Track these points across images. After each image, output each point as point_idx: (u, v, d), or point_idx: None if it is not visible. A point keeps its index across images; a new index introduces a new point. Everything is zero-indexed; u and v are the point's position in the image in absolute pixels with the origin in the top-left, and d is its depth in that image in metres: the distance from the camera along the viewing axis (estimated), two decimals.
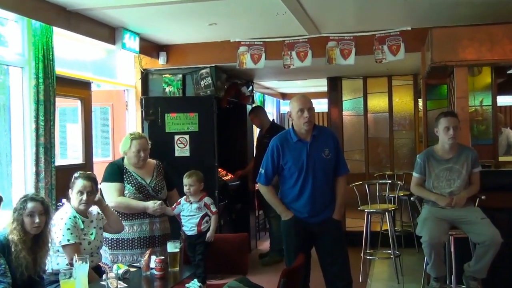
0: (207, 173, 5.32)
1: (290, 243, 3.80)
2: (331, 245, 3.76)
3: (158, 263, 3.27)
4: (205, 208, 3.84)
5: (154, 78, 6.07)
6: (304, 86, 9.69)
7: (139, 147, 3.94)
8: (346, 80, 7.41)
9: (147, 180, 3.98)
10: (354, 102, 7.42)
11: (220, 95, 6.02)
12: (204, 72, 5.90)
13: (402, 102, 7.33)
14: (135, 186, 3.91)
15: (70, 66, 4.89)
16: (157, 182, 4.01)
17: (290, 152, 3.73)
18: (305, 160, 3.69)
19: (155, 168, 4.09)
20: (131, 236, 3.89)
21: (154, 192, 3.97)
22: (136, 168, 3.98)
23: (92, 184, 3.47)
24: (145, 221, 3.91)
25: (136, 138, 3.96)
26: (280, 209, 3.79)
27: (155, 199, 3.95)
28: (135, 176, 3.96)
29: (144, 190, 3.93)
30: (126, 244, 3.89)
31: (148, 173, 4.02)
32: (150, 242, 3.92)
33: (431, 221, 4.09)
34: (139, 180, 3.95)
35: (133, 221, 3.90)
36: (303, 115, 3.68)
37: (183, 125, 5.67)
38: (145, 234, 3.91)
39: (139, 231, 3.90)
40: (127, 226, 3.88)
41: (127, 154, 3.96)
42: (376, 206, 5.74)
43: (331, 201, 3.79)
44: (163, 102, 5.75)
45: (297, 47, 5.63)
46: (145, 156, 3.97)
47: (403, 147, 7.31)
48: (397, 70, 6.87)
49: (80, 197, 3.42)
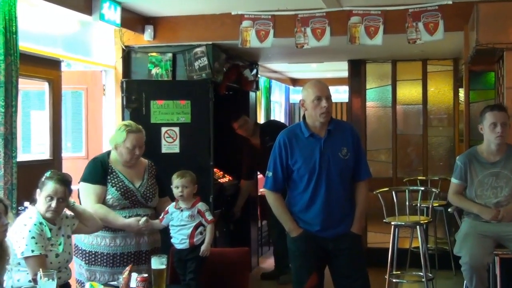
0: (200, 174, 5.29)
1: (298, 263, 3.81)
2: (348, 265, 3.76)
3: (141, 281, 3.27)
4: (198, 216, 3.85)
5: (138, 58, 6.07)
6: (320, 71, 9.68)
7: (136, 142, 3.93)
8: (371, 64, 7.40)
9: (136, 183, 3.97)
10: (380, 91, 7.42)
11: (218, 79, 6.02)
12: (198, 51, 5.90)
13: (439, 92, 7.33)
14: (121, 191, 3.90)
15: (36, 41, 4.89)
16: (148, 187, 4.01)
17: (300, 150, 3.74)
18: (317, 160, 3.70)
19: (147, 170, 4.08)
20: (113, 251, 3.88)
21: (144, 199, 3.97)
22: (124, 167, 3.97)
23: (66, 190, 3.47)
24: (131, 233, 3.90)
25: (133, 132, 3.95)
26: (288, 226, 3.79)
27: (144, 207, 3.95)
28: (122, 177, 3.95)
29: (132, 195, 3.93)
30: (106, 260, 3.88)
31: (137, 175, 4.02)
32: (135, 259, 3.91)
33: (473, 238, 4.09)
34: (126, 183, 3.94)
35: (116, 233, 3.90)
36: (321, 104, 3.68)
37: (172, 115, 5.67)
38: (130, 249, 3.91)
39: (123, 245, 3.90)
40: (108, 239, 3.88)
41: (118, 148, 3.95)
42: (405, 218, 5.74)
43: (349, 212, 3.80)
44: (148, 86, 5.76)
45: (313, 22, 5.62)
46: (140, 154, 3.97)
47: (440, 147, 7.31)
48: (434, 53, 6.85)
49: (49, 203, 3.42)
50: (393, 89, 7.36)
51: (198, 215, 3.84)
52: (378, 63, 7.39)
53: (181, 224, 3.84)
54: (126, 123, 4.09)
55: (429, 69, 7.31)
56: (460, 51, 6.21)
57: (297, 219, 3.79)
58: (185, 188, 3.83)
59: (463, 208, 4.36)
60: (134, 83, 5.76)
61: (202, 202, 3.91)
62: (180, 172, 3.90)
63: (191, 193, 3.86)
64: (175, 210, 3.87)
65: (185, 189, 3.83)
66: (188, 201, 3.86)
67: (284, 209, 3.81)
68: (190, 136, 5.68)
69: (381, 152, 7.39)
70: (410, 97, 7.39)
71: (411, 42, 5.51)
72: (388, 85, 7.38)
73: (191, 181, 3.86)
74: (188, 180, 3.85)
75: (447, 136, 7.29)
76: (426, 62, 7.29)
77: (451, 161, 6.91)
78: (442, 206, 6.38)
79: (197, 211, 3.85)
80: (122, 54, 6.00)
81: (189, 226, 3.82)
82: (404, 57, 7.20)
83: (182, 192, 3.83)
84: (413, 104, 7.38)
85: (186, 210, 3.85)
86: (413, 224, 5.64)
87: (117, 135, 3.96)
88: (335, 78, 10.01)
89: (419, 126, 7.33)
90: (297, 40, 5.66)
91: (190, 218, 3.83)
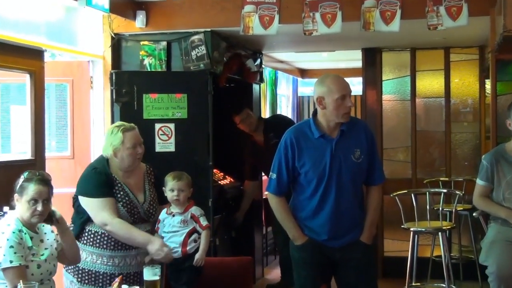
0: (198, 176, 5.35)
1: (302, 273, 3.82)
2: (356, 277, 3.79)
3: None
4: (192, 221, 3.85)
5: (129, 46, 6.07)
6: (331, 60, 9.67)
7: (135, 140, 3.90)
8: (387, 53, 7.39)
9: (138, 196, 3.93)
10: (398, 83, 7.41)
11: (217, 70, 6.02)
12: (196, 39, 5.89)
13: (464, 83, 7.31)
14: (127, 207, 3.85)
15: (16, 29, 4.89)
16: (152, 201, 3.96)
17: (308, 152, 3.74)
18: (328, 163, 3.70)
19: (146, 177, 4.04)
20: (111, 271, 3.85)
21: (146, 216, 3.93)
22: (124, 176, 3.92)
23: (49, 190, 3.44)
24: (131, 253, 3.88)
25: (129, 130, 3.92)
26: (292, 233, 3.80)
27: (145, 222, 3.91)
28: (127, 190, 3.90)
29: (136, 212, 3.88)
30: (102, 280, 3.85)
31: (138, 185, 3.97)
32: (135, 280, 3.87)
33: (500, 246, 4.08)
34: (131, 197, 3.89)
35: (115, 252, 3.87)
36: (345, 103, 3.68)
37: (167, 109, 5.67)
38: (129, 270, 3.88)
39: (122, 265, 3.88)
40: (105, 258, 3.86)
41: (118, 153, 3.88)
42: (426, 223, 5.73)
43: (360, 220, 3.82)
44: (140, 78, 5.76)
45: (323, 7, 5.60)
46: (142, 153, 3.94)
47: (464, 145, 7.29)
48: (458, 41, 6.84)
49: (34, 207, 3.39)
50: (412, 80, 7.34)
51: (192, 220, 3.85)
52: (395, 51, 7.37)
53: (173, 231, 3.83)
54: (117, 124, 4.06)
55: (452, 58, 7.29)
56: (486, 38, 6.20)
57: (303, 226, 3.80)
58: (181, 192, 3.83)
59: (489, 213, 4.35)
60: (125, 75, 5.75)
61: (196, 206, 3.91)
62: (176, 173, 3.90)
63: (186, 197, 3.86)
64: (166, 216, 3.88)
65: (181, 192, 3.83)
66: (182, 206, 3.85)
67: (288, 215, 3.82)
68: (186, 133, 5.67)
69: (399, 150, 7.37)
70: (431, 89, 7.37)
71: (432, 28, 5.49)
72: (406, 76, 7.37)
73: (187, 184, 3.86)
74: (184, 183, 3.85)
75: (473, 133, 7.27)
76: (449, 51, 7.27)
77: (476, 160, 6.88)
78: (467, 210, 6.36)
79: (190, 216, 3.84)
80: (111, 42, 5.99)
81: (182, 232, 3.82)
82: (424, 45, 7.18)
83: (178, 196, 3.83)
84: (435, 97, 7.36)
85: (178, 215, 3.85)
86: (435, 231, 5.64)
87: (112, 138, 3.90)
88: (348, 69, 9.99)
89: (441, 121, 7.32)
90: (305, 27, 5.65)
91: (183, 223, 3.83)
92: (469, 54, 7.27)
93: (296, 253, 3.82)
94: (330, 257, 3.78)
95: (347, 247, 3.76)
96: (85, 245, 3.87)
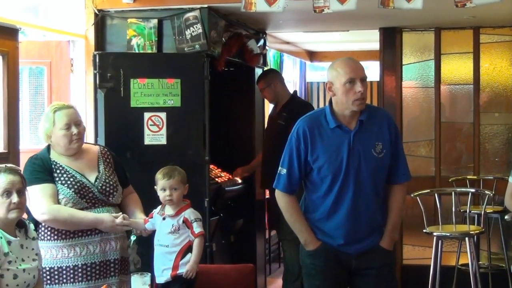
0: (193, 172, 5.34)
1: (314, 283, 3.84)
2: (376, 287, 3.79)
3: None
4: (184, 227, 3.82)
5: (115, 25, 6.08)
6: (344, 41, 9.67)
7: (68, 119, 3.96)
8: (408, 33, 7.40)
9: (90, 177, 4.01)
10: (420, 67, 7.42)
11: (215, 52, 6.02)
12: (191, 17, 5.90)
13: (495, 68, 7.32)
14: (74, 188, 3.93)
15: None
16: (107, 179, 4.05)
17: (323, 144, 3.75)
18: (345, 158, 3.71)
19: (100, 158, 4.14)
20: (73, 263, 3.91)
21: (104, 195, 4.01)
22: (70, 160, 4.01)
23: (22, 179, 3.50)
24: (94, 238, 3.95)
25: (60, 109, 4.01)
26: (304, 237, 3.82)
27: (107, 206, 3.99)
28: (72, 172, 3.99)
29: (88, 193, 3.96)
30: (66, 275, 3.91)
31: (90, 167, 4.06)
32: (102, 271, 3.94)
33: None
34: (78, 178, 3.98)
35: (74, 240, 3.93)
36: (354, 88, 3.68)
37: (157, 97, 5.68)
38: (94, 259, 3.94)
39: (85, 254, 3.93)
40: (66, 249, 3.91)
41: (52, 136, 4.00)
42: (451, 227, 5.75)
43: (381, 223, 3.83)
44: (127, 61, 5.76)
45: None
46: (80, 134, 4.00)
47: (495, 138, 7.30)
48: (489, 20, 6.84)
49: (8, 200, 3.41)
50: (437, 64, 7.35)
51: (184, 225, 3.82)
52: (417, 32, 7.39)
53: (163, 244, 3.81)
54: (52, 104, 4.16)
55: (482, 40, 7.29)
56: None
57: (315, 229, 3.82)
58: (174, 191, 3.83)
59: None
60: (110, 57, 5.75)
61: (192, 209, 3.90)
62: (167, 169, 3.90)
63: (181, 195, 3.87)
64: (158, 216, 3.88)
65: (174, 191, 3.83)
66: (176, 206, 3.86)
67: (299, 216, 3.83)
68: (180, 124, 5.68)
69: (421, 144, 7.39)
70: (458, 75, 7.38)
71: (460, 6, 5.48)
72: (430, 60, 7.38)
73: (181, 180, 3.86)
74: (177, 180, 3.85)
75: (505, 125, 7.28)
76: (479, 31, 7.27)
77: (509, 156, 6.90)
78: (498, 213, 6.37)
79: (183, 220, 3.82)
80: (94, 20, 5.99)
81: (173, 251, 3.79)
82: (451, 25, 7.19)
83: (171, 195, 3.83)
84: (462, 84, 7.38)
85: (169, 218, 3.83)
86: (461, 236, 5.65)
87: (44, 121, 4.01)
88: (363, 51, 10.00)
89: (469, 111, 7.33)
90: (315, 3, 5.64)
91: (173, 231, 3.80)
92: (501, 35, 7.27)
93: (308, 259, 3.84)
94: (346, 265, 3.79)
95: (365, 254, 3.77)
96: (42, 241, 3.91)
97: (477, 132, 7.29)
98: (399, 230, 4.09)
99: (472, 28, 7.25)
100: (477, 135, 7.29)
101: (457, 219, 5.82)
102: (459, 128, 7.39)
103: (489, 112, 7.32)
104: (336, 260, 3.78)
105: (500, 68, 7.31)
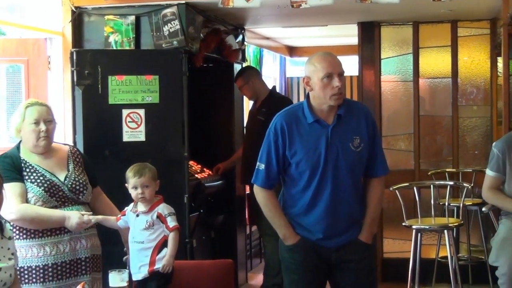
0: (172, 168, 5.36)
1: (293, 277, 3.85)
2: (355, 281, 3.82)
3: None
4: (159, 221, 3.82)
5: (92, 21, 6.05)
6: (323, 36, 9.66)
7: (38, 115, 3.98)
8: (387, 28, 7.41)
9: (59, 175, 4.03)
10: (399, 61, 7.43)
11: (193, 48, 6.02)
12: (168, 13, 5.88)
13: (473, 61, 7.34)
14: (44, 186, 3.94)
15: None
16: (77, 177, 4.07)
17: (301, 139, 3.76)
18: (323, 153, 3.72)
19: (70, 157, 4.16)
20: (43, 262, 3.91)
21: (74, 194, 4.02)
22: (40, 159, 4.03)
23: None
24: (64, 238, 3.96)
25: (33, 105, 4.04)
26: (283, 232, 3.82)
27: (77, 204, 4.00)
28: (41, 170, 4.00)
29: (58, 191, 3.98)
30: (35, 275, 3.90)
31: (60, 165, 4.08)
32: (73, 270, 3.96)
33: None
34: (47, 177, 3.99)
35: (44, 239, 3.94)
36: (332, 83, 3.68)
37: (135, 93, 5.66)
38: (64, 258, 3.95)
39: (55, 254, 3.94)
40: (35, 248, 3.91)
41: (21, 132, 4.02)
42: (431, 220, 5.77)
43: (360, 217, 3.84)
44: (105, 58, 5.74)
45: None
46: (49, 131, 4.02)
47: (473, 131, 7.33)
48: (466, 13, 6.85)
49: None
50: (415, 58, 7.36)
51: (158, 220, 3.82)
52: (396, 26, 7.39)
53: (138, 241, 3.81)
54: (27, 100, 4.22)
55: (460, 33, 7.31)
56: (499, 10, 6.21)
57: (294, 224, 3.82)
58: (145, 188, 3.82)
59: (500, 207, 4.39)
60: (87, 54, 5.73)
61: (165, 204, 3.89)
62: (136, 167, 3.89)
63: (153, 192, 3.86)
64: (131, 214, 3.87)
65: (146, 189, 3.82)
66: (149, 203, 3.85)
67: (277, 211, 3.84)
68: (158, 120, 5.67)
69: (400, 138, 7.41)
70: (436, 68, 7.40)
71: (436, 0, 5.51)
72: (408, 54, 7.39)
73: (152, 177, 3.85)
74: (148, 177, 3.83)
75: (483, 117, 7.30)
76: (457, 25, 7.28)
77: (487, 149, 6.92)
78: (477, 205, 6.38)
79: (157, 216, 3.82)
80: (71, 17, 5.96)
81: (149, 246, 3.78)
82: (429, 19, 7.20)
83: (143, 193, 3.82)
84: (441, 78, 7.39)
85: (142, 214, 3.83)
86: (440, 228, 5.67)
87: (15, 116, 4.04)
88: (342, 46, 10.00)
89: (447, 105, 7.34)
90: None
91: (148, 227, 3.80)
92: (479, 28, 7.28)
93: (287, 254, 3.85)
94: (325, 259, 3.80)
95: (344, 248, 3.78)
96: None
97: (456, 125, 7.31)
98: (378, 224, 4.08)
99: (449, 21, 7.26)
100: (455, 128, 7.31)
101: (437, 212, 5.84)
102: (438, 121, 7.40)
103: (467, 105, 7.34)
104: (315, 254, 3.79)
105: (478, 61, 7.32)
